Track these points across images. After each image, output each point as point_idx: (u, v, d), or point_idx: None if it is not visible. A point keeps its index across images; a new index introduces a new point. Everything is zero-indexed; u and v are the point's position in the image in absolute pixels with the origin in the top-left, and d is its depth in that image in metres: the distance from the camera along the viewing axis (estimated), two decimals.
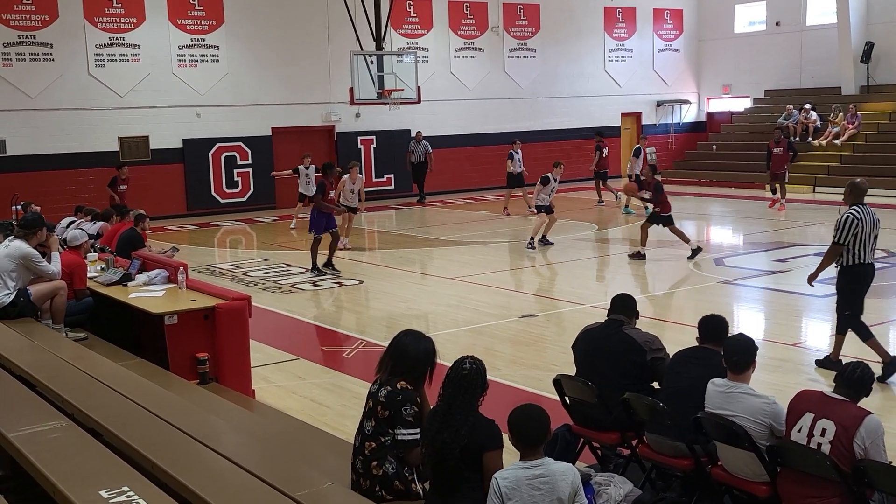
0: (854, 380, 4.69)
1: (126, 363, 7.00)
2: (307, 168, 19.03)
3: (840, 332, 8.45)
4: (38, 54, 20.06)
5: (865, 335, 8.36)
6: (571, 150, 27.85)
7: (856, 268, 8.20)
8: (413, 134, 23.69)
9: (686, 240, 14.61)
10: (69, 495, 3.61)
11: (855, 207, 8.33)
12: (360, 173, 17.48)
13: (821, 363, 8.50)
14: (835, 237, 8.26)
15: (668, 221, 14.68)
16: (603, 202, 22.43)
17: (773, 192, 20.73)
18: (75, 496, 3.58)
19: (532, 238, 15.76)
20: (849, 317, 8.37)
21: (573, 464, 5.92)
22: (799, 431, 4.68)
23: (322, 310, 11.77)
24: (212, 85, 22.13)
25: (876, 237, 8.30)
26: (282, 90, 22.93)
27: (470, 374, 4.27)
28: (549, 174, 15.83)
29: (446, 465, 4.20)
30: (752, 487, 5.01)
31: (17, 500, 4.01)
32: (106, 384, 5.50)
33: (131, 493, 3.57)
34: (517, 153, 21.13)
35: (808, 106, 25.47)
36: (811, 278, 8.60)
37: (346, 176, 16.45)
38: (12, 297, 7.90)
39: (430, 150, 23.23)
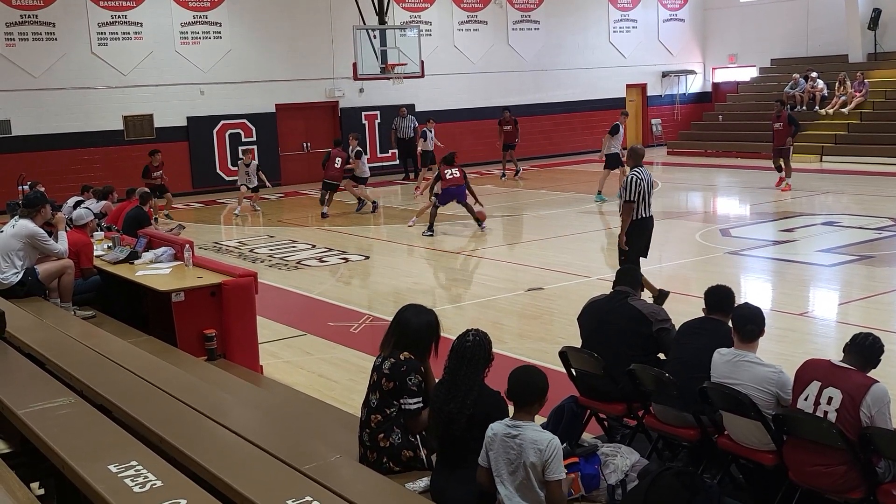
0: (864, 348, 4.69)
1: (134, 340, 7.02)
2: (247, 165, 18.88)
3: None
4: (40, 34, 20.01)
5: None
6: (576, 122, 27.78)
7: (638, 222, 9.33)
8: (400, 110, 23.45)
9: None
10: (78, 470, 3.63)
11: (636, 169, 9.41)
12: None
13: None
14: (624, 197, 9.34)
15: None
16: (505, 176, 22.61)
17: (778, 169, 19.07)
18: (84, 470, 3.61)
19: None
20: (624, 262, 9.34)
21: (580, 435, 6.00)
22: (805, 400, 4.69)
23: (328, 285, 11.79)
24: (215, 62, 22.06)
25: (651, 194, 9.44)
26: (285, 66, 22.84)
27: (473, 346, 4.30)
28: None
29: (453, 437, 4.23)
30: (758, 456, 5.03)
31: (28, 475, 4.04)
32: (114, 361, 5.52)
33: (140, 468, 3.59)
34: (430, 131, 21.36)
35: (814, 74, 25.27)
36: (621, 241, 9.51)
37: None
38: (20, 276, 7.93)
39: (417, 125, 23.02)
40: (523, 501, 3.96)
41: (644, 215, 9.38)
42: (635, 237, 9.45)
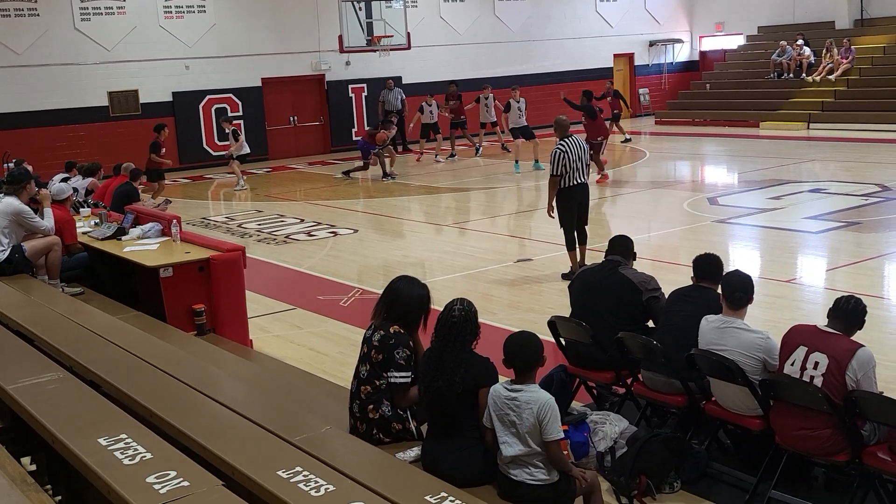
0: (847, 312, 4.72)
1: (123, 316, 7.01)
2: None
3: (570, 249, 9.77)
4: (22, 9, 19.79)
5: (570, 246, 9.76)
6: (565, 93, 27.62)
7: (566, 190, 9.57)
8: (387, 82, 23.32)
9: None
10: (68, 443, 3.64)
11: (561, 142, 9.57)
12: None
13: (566, 276, 9.61)
14: (550, 171, 9.59)
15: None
16: (455, 156, 21.93)
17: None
18: (74, 444, 3.61)
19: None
20: (564, 230, 9.75)
21: (569, 404, 6.04)
22: (792, 365, 4.72)
23: (317, 259, 11.79)
24: (199, 36, 21.88)
25: (586, 162, 9.66)
26: (270, 40, 22.67)
27: (459, 322, 4.27)
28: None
29: (443, 410, 4.24)
30: (745, 421, 5.07)
31: (18, 451, 4.05)
32: (103, 337, 5.52)
33: (130, 441, 3.60)
34: (431, 105, 21.30)
35: (800, 42, 25.20)
36: (549, 210, 9.87)
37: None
38: (7, 253, 7.89)
39: (405, 97, 22.82)
40: (525, 462, 4.00)
41: (571, 184, 9.53)
42: (563, 205, 9.66)
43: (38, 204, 8.29)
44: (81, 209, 10.61)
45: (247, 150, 18.90)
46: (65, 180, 12.89)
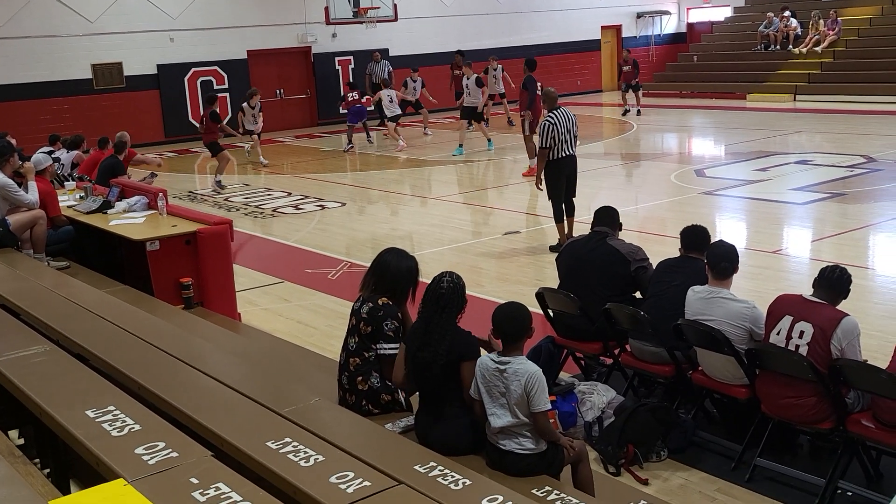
0: (833, 281, 4.75)
1: (110, 290, 6.99)
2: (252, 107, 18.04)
3: (558, 221, 9.79)
4: None
5: (559, 218, 9.79)
6: (552, 65, 27.56)
7: (554, 162, 9.56)
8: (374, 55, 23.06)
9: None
10: (55, 416, 3.63)
11: (550, 113, 9.58)
12: None
13: (553, 248, 9.61)
14: (539, 143, 9.56)
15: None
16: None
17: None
18: (61, 416, 3.61)
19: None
20: (552, 203, 9.77)
21: (557, 374, 6.07)
22: (778, 334, 4.76)
23: (305, 233, 11.76)
24: (184, 8, 21.65)
25: (574, 134, 9.62)
26: (256, 12, 22.46)
27: (447, 293, 4.25)
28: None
29: (428, 382, 4.25)
30: (731, 390, 5.12)
31: (6, 424, 4.05)
32: (90, 310, 5.49)
33: (118, 412, 3.60)
34: (415, 81, 20.79)
35: (787, 13, 25.15)
36: (537, 183, 9.93)
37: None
38: None
39: (392, 69, 22.69)
40: (514, 433, 4.02)
41: (560, 156, 9.51)
42: (552, 177, 9.65)
43: (21, 178, 8.22)
44: (66, 182, 10.54)
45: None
46: (49, 154, 12.78)
